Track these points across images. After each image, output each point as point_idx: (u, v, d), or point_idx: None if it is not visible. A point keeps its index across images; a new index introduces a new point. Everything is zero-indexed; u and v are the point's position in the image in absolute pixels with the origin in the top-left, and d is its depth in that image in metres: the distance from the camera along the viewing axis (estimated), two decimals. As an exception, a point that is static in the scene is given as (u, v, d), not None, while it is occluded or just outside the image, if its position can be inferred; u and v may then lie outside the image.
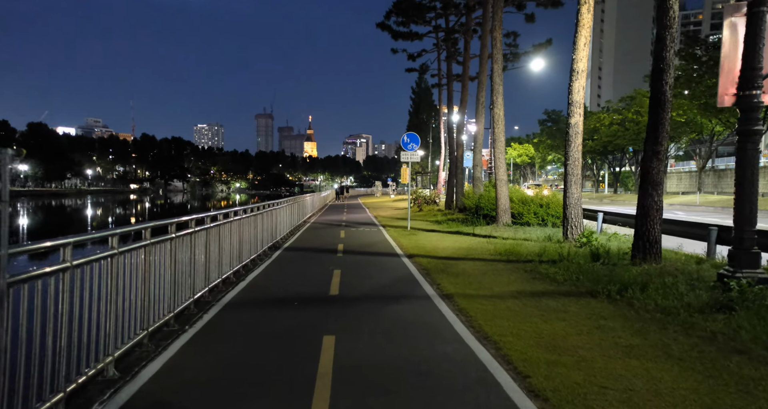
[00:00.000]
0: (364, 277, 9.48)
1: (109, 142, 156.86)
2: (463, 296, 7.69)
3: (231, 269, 9.05)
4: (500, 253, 12.26)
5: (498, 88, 18.53)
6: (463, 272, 9.79)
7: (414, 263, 11.19)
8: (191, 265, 6.72)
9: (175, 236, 5.99)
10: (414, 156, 18.98)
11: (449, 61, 31.03)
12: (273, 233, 13.85)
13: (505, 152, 19.11)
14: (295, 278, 9.49)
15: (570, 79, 13.38)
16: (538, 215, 18.69)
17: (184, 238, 6.42)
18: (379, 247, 14.35)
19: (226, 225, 8.75)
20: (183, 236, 6.32)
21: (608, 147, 54.69)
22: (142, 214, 49.91)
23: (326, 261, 11.53)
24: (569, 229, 13.47)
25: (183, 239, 6.36)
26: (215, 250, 8.03)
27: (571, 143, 13.43)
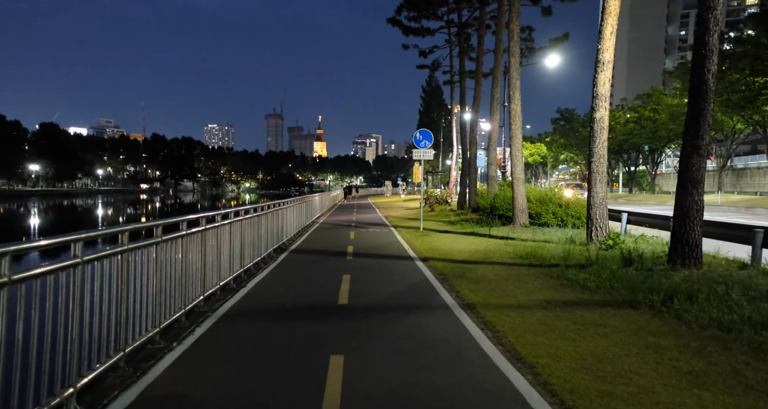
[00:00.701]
0: (376, 283, 8.71)
1: (120, 143, 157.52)
2: (487, 306, 6.90)
3: (231, 274, 8.33)
4: (521, 256, 11.44)
5: (515, 83, 17.69)
6: (483, 278, 9.00)
7: (429, 267, 10.41)
8: (183, 272, 5.99)
9: (161, 240, 5.26)
10: (427, 154, 18.19)
11: (462, 57, 30.20)
12: (279, 235, 13.14)
13: (522, 150, 18.26)
14: (300, 284, 8.75)
15: (595, 71, 12.52)
16: (557, 216, 17.82)
17: (174, 242, 5.69)
18: (391, 249, 13.59)
19: (226, 227, 8.03)
20: (172, 240, 5.60)
21: (624, 146, 53.44)
22: (136, 214, 49.48)
23: (335, 265, 10.78)
24: (593, 230, 12.61)
25: (172, 244, 5.64)
26: (213, 254, 7.30)
27: (596, 139, 12.57)
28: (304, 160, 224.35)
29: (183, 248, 5.99)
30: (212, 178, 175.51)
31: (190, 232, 6.30)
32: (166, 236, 5.42)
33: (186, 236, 6.09)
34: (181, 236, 5.93)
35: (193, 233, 6.45)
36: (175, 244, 5.73)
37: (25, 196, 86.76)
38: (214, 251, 7.38)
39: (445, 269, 10.00)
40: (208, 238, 7.10)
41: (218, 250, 7.55)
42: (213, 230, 7.31)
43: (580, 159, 78.06)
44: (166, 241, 5.43)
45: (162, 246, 5.30)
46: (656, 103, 45.33)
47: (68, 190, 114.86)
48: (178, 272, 5.84)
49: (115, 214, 48.77)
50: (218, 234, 7.55)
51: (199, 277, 6.65)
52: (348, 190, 54.85)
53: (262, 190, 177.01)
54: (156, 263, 5.17)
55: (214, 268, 7.35)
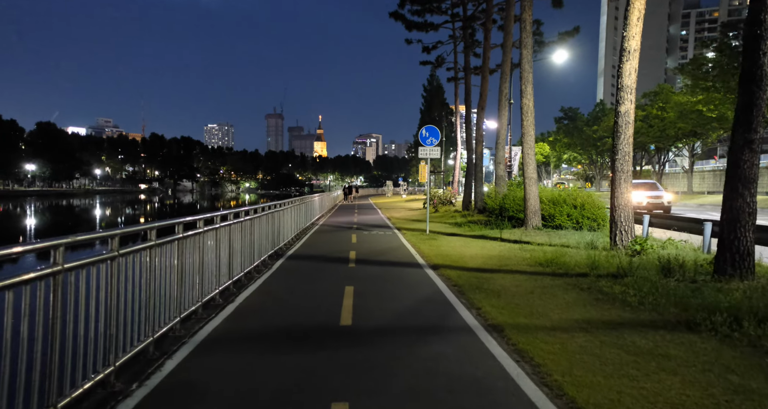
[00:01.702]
0: (383, 297, 7.64)
1: (119, 142, 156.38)
2: (516, 327, 5.83)
3: (218, 286, 7.26)
4: (541, 263, 10.37)
5: (527, 77, 16.63)
6: (504, 290, 7.93)
7: (441, 277, 9.34)
8: (152, 291, 4.93)
9: (118, 254, 4.19)
10: (433, 152, 17.12)
11: (467, 52, 29.11)
12: (275, 239, 12.07)
13: (535, 147, 17.20)
14: (297, 298, 7.68)
15: (620, 60, 11.46)
16: (571, 218, 16.76)
17: (137, 255, 4.63)
18: (397, 254, 12.52)
19: (211, 233, 6.96)
20: (133, 253, 4.53)
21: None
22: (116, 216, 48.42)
23: (336, 274, 9.71)
24: (618, 234, 11.55)
25: (134, 258, 4.58)
26: (193, 266, 6.24)
27: (621, 135, 11.51)
28: (305, 160, 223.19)
29: (151, 263, 4.93)
30: (212, 179, 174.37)
31: (162, 241, 5.23)
32: (126, 249, 4.35)
33: (156, 246, 5.03)
34: (148, 248, 4.87)
35: (167, 242, 5.39)
36: (138, 257, 4.67)
37: (20, 197, 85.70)
38: (195, 263, 6.32)
39: (460, 279, 8.93)
40: (187, 247, 6.03)
41: (201, 261, 6.49)
42: (193, 238, 6.24)
43: (584, 159, 77.07)
44: (126, 255, 4.35)
45: (119, 261, 4.23)
46: (664, 101, 44.20)
47: (65, 190, 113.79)
48: (145, 291, 4.78)
49: (89, 217, 47.71)
50: (201, 242, 6.49)
51: (174, 295, 5.58)
52: (348, 191, 53.24)
53: (261, 191, 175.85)
54: (111, 282, 4.10)
55: (194, 284, 6.28)
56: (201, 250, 6.48)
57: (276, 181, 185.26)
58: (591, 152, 67.47)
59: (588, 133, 59.95)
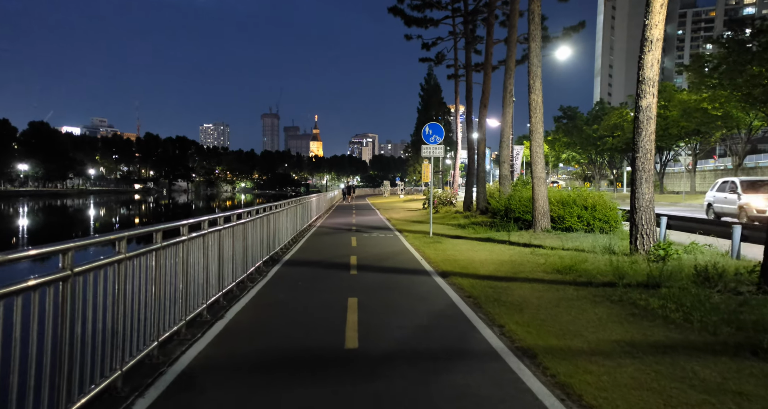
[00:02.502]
0: (391, 311, 6.82)
1: (113, 142, 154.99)
2: (550, 351, 5.01)
3: (206, 300, 6.43)
4: (558, 270, 9.57)
5: (536, 71, 15.83)
6: (526, 303, 7.12)
7: (452, 286, 8.53)
8: (122, 312, 4.10)
9: (71, 274, 3.35)
10: (437, 150, 16.31)
11: (468, 48, 28.31)
12: (270, 243, 11.24)
13: (543, 145, 16.41)
14: (294, 313, 6.84)
15: (641, 51, 10.67)
16: (582, 219, 15.98)
17: (101, 272, 3.79)
18: (401, 260, 11.70)
19: (197, 241, 6.13)
20: (94, 270, 3.69)
21: (631, 144, 51.54)
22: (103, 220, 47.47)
23: (336, 283, 8.89)
24: (638, 238, 10.76)
25: (98, 273, 3.74)
26: (176, 277, 5.40)
27: (642, 131, 10.72)
28: (300, 159, 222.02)
29: (119, 279, 4.09)
30: (207, 179, 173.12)
31: (137, 252, 4.40)
32: (82, 267, 3.50)
33: (126, 259, 4.19)
34: (116, 262, 4.03)
35: (142, 253, 4.56)
36: (102, 273, 3.83)
37: (12, 197, 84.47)
38: (179, 275, 5.48)
39: (473, 289, 8.11)
40: (168, 258, 5.20)
41: (185, 272, 5.65)
42: (176, 247, 5.41)
43: (583, 158, 76.37)
44: (82, 273, 3.50)
45: (74, 281, 3.39)
46: (667, 100, 43.51)
47: (58, 190, 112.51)
48: (111, 314, 3.95)
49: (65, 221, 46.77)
50: (185, 251, 5.65)
51: (151, 317, 4.75)
52: (347, 191, 52.59)
53: (257, 191, 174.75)
54: (65, 306, 3.26)
55: (176, 299, 5.44)
56: (185, 260, 5.64)
57: (272, 181, 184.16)
58: (591, 152, 66.77)
59: (588, 133, 59.24)
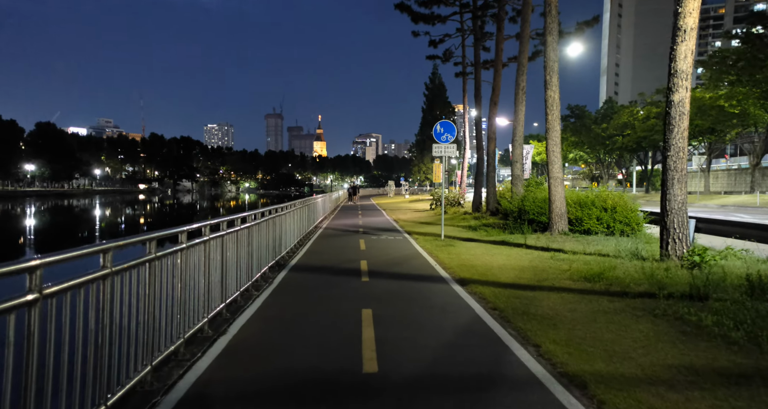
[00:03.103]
0: (411, 326, 6.17)
1: (118, 142, 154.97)
2: (600, 379, 4.35)
3: (208, 313, 5.80)
4: (586, 277, 8.89)
5: (552, 66, 15.14)
6: (559, 317, 6.45)
7: (473, 295, 7.87)
8: (107, 336, 3.47)
9: (49, 293, 2.72)
10: (449, 149, 15.64)
11: (477, 45, 27.61)
12: (276, 247, 10.61)
13: (560, 144, 15.72)
14: (304, 327, 6.20)
15: (673, 42, 9.98)
16: (602, 221, 15.28)
17: (89, 288, 3.16)
18: (414, 265, 11.05)
19: (197, 248, 5.50)
20: (63, 290, 3.04)
21: (642, 143, 50.64)
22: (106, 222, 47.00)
23: (348, 291, 8.24)
24: (670, 243, 10.07)
25: (90, 287, 3.11)
26: (172, 294, 4.77)
27: (674, 128, 10.02)
28: (304, 159, 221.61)
29: (112, 295, 3.46)
30: (211, 179, 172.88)
31: (122, 267, 3.76)
32: (57, 287, 2.86)
33: (112, 274, 3.56)
34: (101, 278, 3.40)
35: (132, 266, 3.93)
36: (93, 287, 3.20)
37: (19, 197, 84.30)
38: (176, 288, 4.85)
39: (497, 299, 7.46)
40: (164, 270, 4.57)
41: (183, 285, 5.02)
42: (172, 256, 4.78)
43: (591, 158, 75.50)
44: (59, 293, 2.87)
45: (56, 301, 2.76)
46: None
47: (64, 190, 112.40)
48: (100, 333, 3.32)
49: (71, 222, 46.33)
50: (184, 260, 5.02)
51: (143, 337, 4.12)
52: (353, 191, 51.93)
53: (261, 191, 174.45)
54: (35, 333, 2.64)
55: (173, 314, 4.81)
56: (183, 269, 5.01)
57: (276, 181, 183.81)
58: (599, 151, 65.86)
59: (596, 132, 58.33)
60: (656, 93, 48.37)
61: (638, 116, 50.19)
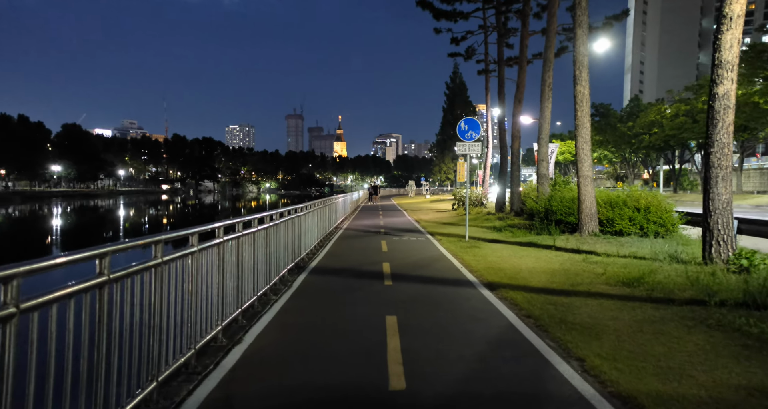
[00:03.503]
0: (439, 335, 5.71)
1: (141, 143, 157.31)
2: (659, 402, 3.83)
3: (222, 320, 5.42)
4: (624, 282, 8.31)
5: (582, 61, 14.53)
6: (600, 326, 5.92)
7: (504, 301, 7.38)
8: (113, 343, 3.10)
9: (20, 311, 2.34)
10: (474, 147, 15.12)
11: (501, 41, 26.98)
12: (296, 249, 10.24)
13: (590, 142, 15.09)
14: (325, 335, 5.78)
15: (717, 30, 9.33)
16: (634, 222, 14.58)
17: (93, 292, 2.78)
18: (439, 267, 10.58)
19: (211, 250, 5.13)
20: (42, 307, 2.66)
21: (670, 142, 49.15)
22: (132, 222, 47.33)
23: (371, 295, 7.81)
24: (714, 245, 9.41)
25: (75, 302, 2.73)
26: (183, 296, 4.40)
27: (718, 123, 9.37)
28: (324, 160, 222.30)
29: (104, 310, 3.09)
30: (233, 179, 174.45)
31: (123, 273, 3.39)
32: (38, 300, 2.49)
33: (110, 282, 3.18)
34: (97, 286, 3.02)
35: (135, 272, 3.55)
36: (82, 302, 2.83)
37: (45, 198, 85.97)
38: (185, 295, 4.48)
39: (531, 306, 6.95)
40: (173, 274, 4.20)
41: (193, 292, 4.65)
42: (181, 261, 4.41)
43: (616, 157, 73.87)
44: (40, 306, 2.49)
45: (39, 315, 2.38)
46: (710, 95, 41.07)
47: (89, 191, 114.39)
48: (94, 351, 2.94)
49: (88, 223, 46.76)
50: (194, 265, 4.65)
51: (147, 350, 3.74)
52: (373, 191, 51.50)
53: (282, 191, 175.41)
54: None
55: (183, 323, 4.43)
56: (194, 275, 4.64)
57: (296, 181, 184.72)
58: (624, 150, 64.28)
59: (622, 130, 56.90)
60: (685, 90, 46.98)
61: (666, 114, 48.73)
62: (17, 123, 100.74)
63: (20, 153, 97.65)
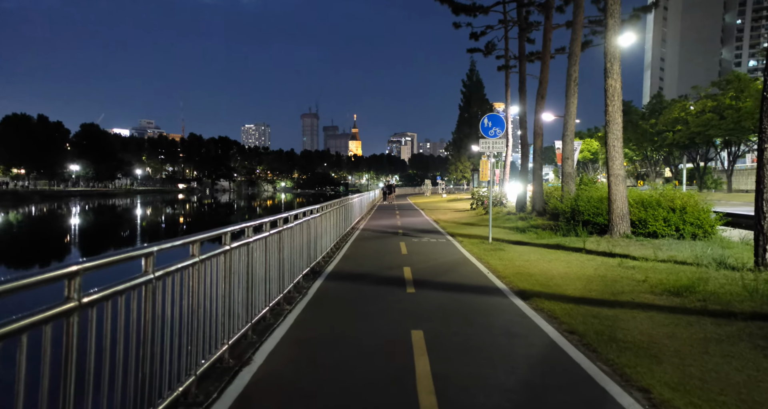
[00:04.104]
0: (473, 356, 5.03)
1: (158, 142, 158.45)
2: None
3: (228, 339, 4.80)
4: (671, 291, 7.54)
5: (614, 52, 13.70)
6: (656, 344, 5.19)
7: (540, 313, 6.67)
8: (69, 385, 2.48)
9: None
10: (498, 144, 14.37)
11: (522, 35, 26.12)
12: (311, 253, 9.62)
13: (621, 138, 14.26)
14: (344, 355, 5.12)
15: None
16: (669, 223, 13.73)
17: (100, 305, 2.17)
18: (464, 273, 9.88)
19: (216, 259, 4.51)
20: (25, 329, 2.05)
21: (696, 139, 47.67)
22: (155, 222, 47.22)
23: (392, 305, 7.15)
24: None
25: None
26: (179, 317, 3.79)
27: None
28: (339, 159, 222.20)
29: (77, 335, 2.47)
30: (248, 178, 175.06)
31: (100, 295, 2.77)
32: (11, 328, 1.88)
33: (80, 309, 2.57)
34: (63, 314, 2.41)
35: (119, 291, 2.94)
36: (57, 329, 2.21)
37: (64, 197, 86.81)
38: (183, 314, 3.86)
39: (571, 319, 6.24)
40: (168, 290, 3.58)
41: (194, 309, 4.03)
42: (179, 274, 3.79)
43: (637, 155, 72.22)
44: None
45: None
46: (739, 90, 39.68)
47: (107, 190, 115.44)
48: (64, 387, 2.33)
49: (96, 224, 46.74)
50: (193, 277, 4.03)
51: (133, 382, 3.12)
52: (387, 190, 50.05)
53: (297, 190, 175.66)
54: None
55: (182, 346, 3.81)
56: (194, 289, 4.02)
57: (311, 180, 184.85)
58: (646, 148, 62.75)
59: (644, 128, 55.45)
60: (712, 86, 45.45)
61: (691, 111, 47.25)
62: (37, 123, 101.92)
63: (39, 152, 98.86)
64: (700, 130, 44.49)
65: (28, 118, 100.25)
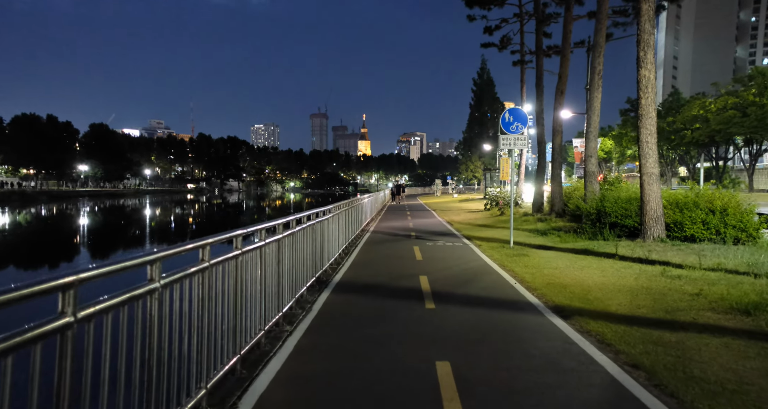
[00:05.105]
0: (516, 401, 3.95)
1: (167, 142, 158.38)
2: None
3: (206, 383, 3.78)
4: (738, 309, 6.44)
5: (648, 40, 12.55)
6: (749, 387, 4.11)
7: (588, 338, 5.58)
8: None
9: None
10: (520, 141, 13.26)
11: (539, 28, 24.93)
12: (317, 261, 8.58)
13: (655, 134, 13.11)
14: (353, 402, 4.07)
15: None
16: (708, 226, 12.56)
17: None
18: (488, 283, 8.79)
19: (200, 276, 3.49)
20: None
21: (716, 137, 46.06)
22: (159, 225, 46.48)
23: (411, 328, 6.08)
24: (841, 260, 7.43)
25: None
26: (147, 355, 2.76)
27: None
28: (349, 159, 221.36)
29: None
30: (257, 178, 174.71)
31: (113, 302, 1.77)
32: None
33: None
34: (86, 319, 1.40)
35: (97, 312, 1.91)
36: None
37: (71, 197, 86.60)
38: (152, 353, 2.83)
39: (629, 347, 5.15)
40: (135, 318, 2.56)
41: (161, 346, 3.00)
42: (149, 298, 2.76)
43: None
44: None
45: None
46: (763, 87, 38.14)
47: (116, 190, 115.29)
48: None
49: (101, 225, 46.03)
50: (167, 303, 3.01)
51: None
52: (396, 190, 48.62)
53: (306, 190, 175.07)
54: None
55: (143, 400, 2.79)
56: (162, 319, 3.00)
57: (320, 180, 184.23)
58: (662, 147, 61.13)
59: (661, 126, 53.81)
60: (734, 82, 43.86)
61: (711, 108, 45.69)
62: (46, 123, 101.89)
63: (48, 153, 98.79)
64: (721, 128, 42.93)
65: (37, 118, 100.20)
